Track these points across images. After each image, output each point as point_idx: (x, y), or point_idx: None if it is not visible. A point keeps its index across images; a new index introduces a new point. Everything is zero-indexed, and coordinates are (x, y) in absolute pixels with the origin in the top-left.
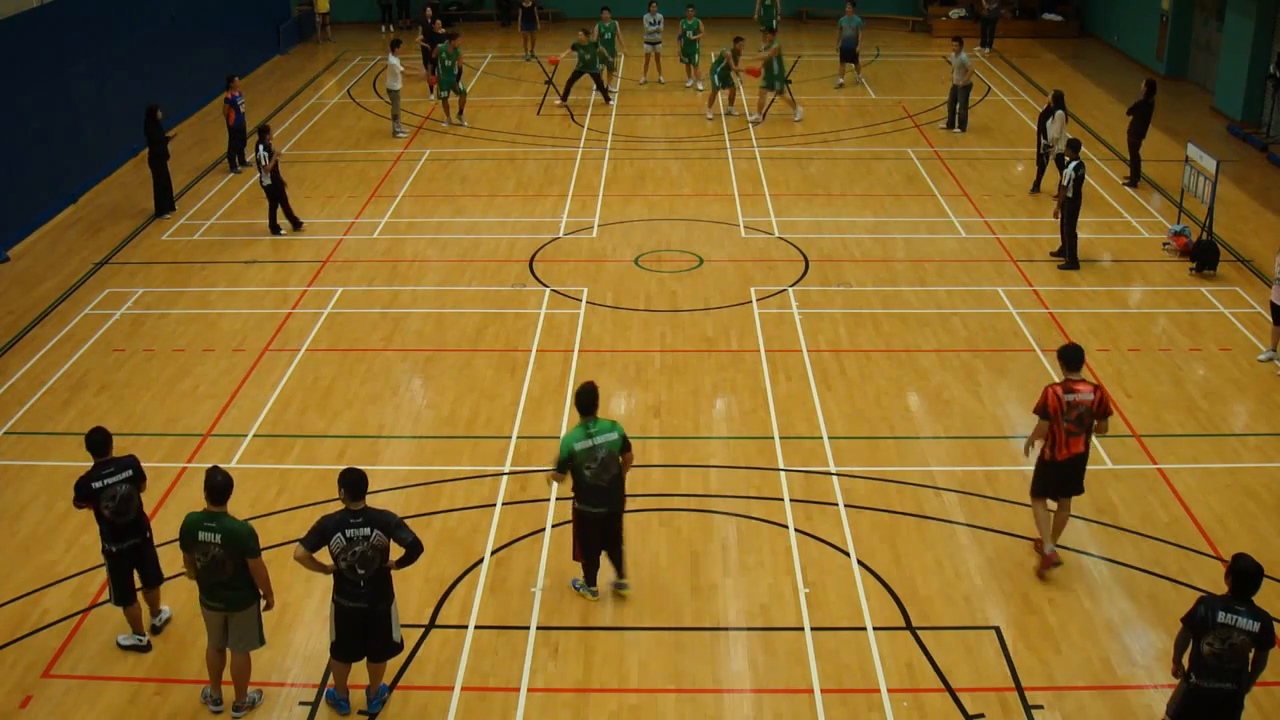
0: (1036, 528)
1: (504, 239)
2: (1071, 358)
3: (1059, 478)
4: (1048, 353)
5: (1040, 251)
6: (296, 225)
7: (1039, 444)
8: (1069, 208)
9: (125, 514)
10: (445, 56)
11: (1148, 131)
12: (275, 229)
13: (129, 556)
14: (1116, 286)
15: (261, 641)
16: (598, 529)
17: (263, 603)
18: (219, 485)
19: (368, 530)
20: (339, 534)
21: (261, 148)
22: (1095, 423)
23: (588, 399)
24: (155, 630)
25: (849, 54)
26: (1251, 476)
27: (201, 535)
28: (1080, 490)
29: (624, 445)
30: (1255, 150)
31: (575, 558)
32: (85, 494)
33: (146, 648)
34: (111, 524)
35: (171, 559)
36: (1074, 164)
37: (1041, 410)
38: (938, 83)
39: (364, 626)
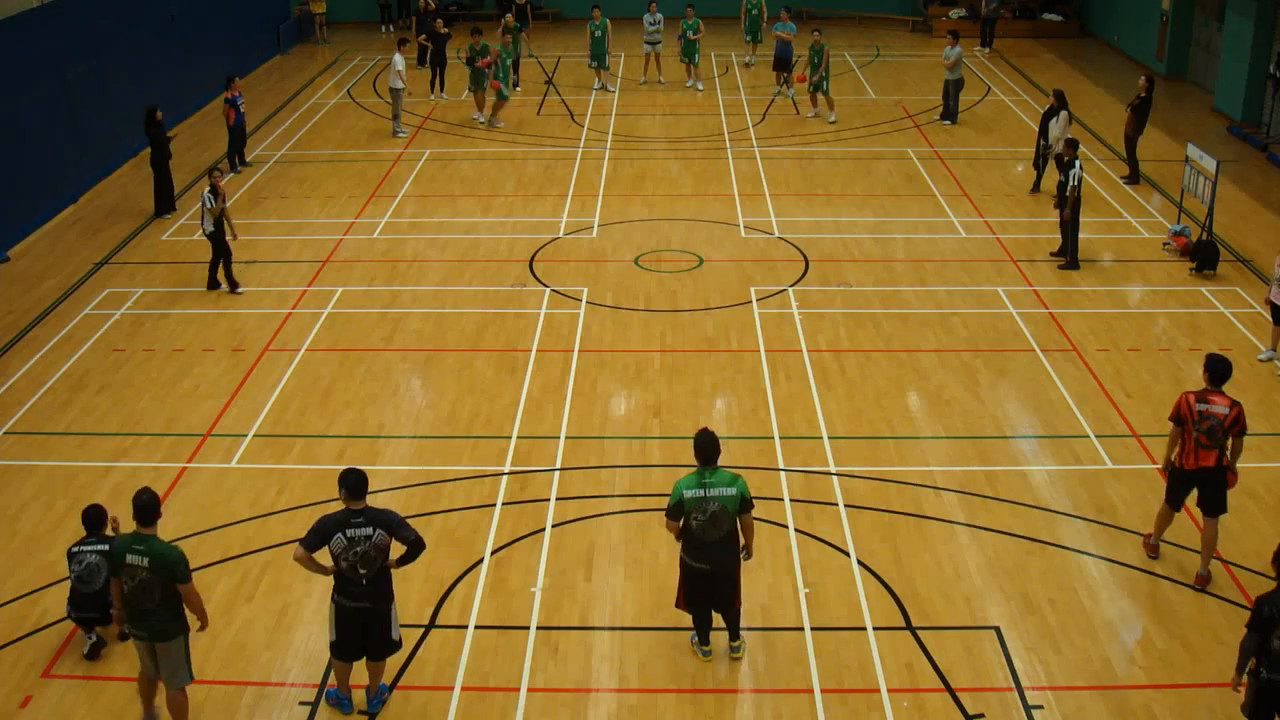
0: (1154, 523)
1: (504, 239)
2: (1215, 370)
3: (1186, 487)
4: (1048, 353)
5: (1040, 251)
6: (233, 288)
7: (1175, 454)
8: (1076, 208)
9: (89, 584)
10: (506, 55)
11: (1145, 129)
12: (214, 283)
13: (84, 624)
14: (1116, 286)
15: (190, 677)
16: (702, 585)
17: (196, 626)
18: (145, 505)
19: (369, 530)
20: (339, 534)
21: (208, 190)
22: (1230, 441)
23: (706, 447)
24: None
25: (782, 62)
26: (1251, 476)
27: (129, 558)
28: (1221, 509)
29: (742, 504)
30: (1255, 150)
31: (677, 605)
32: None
33: (100, 643)
34: (74, 591)
35: None
36: (1079, 164)
37: (1175, 416)
38: (938, 82)
39: (365, 625)
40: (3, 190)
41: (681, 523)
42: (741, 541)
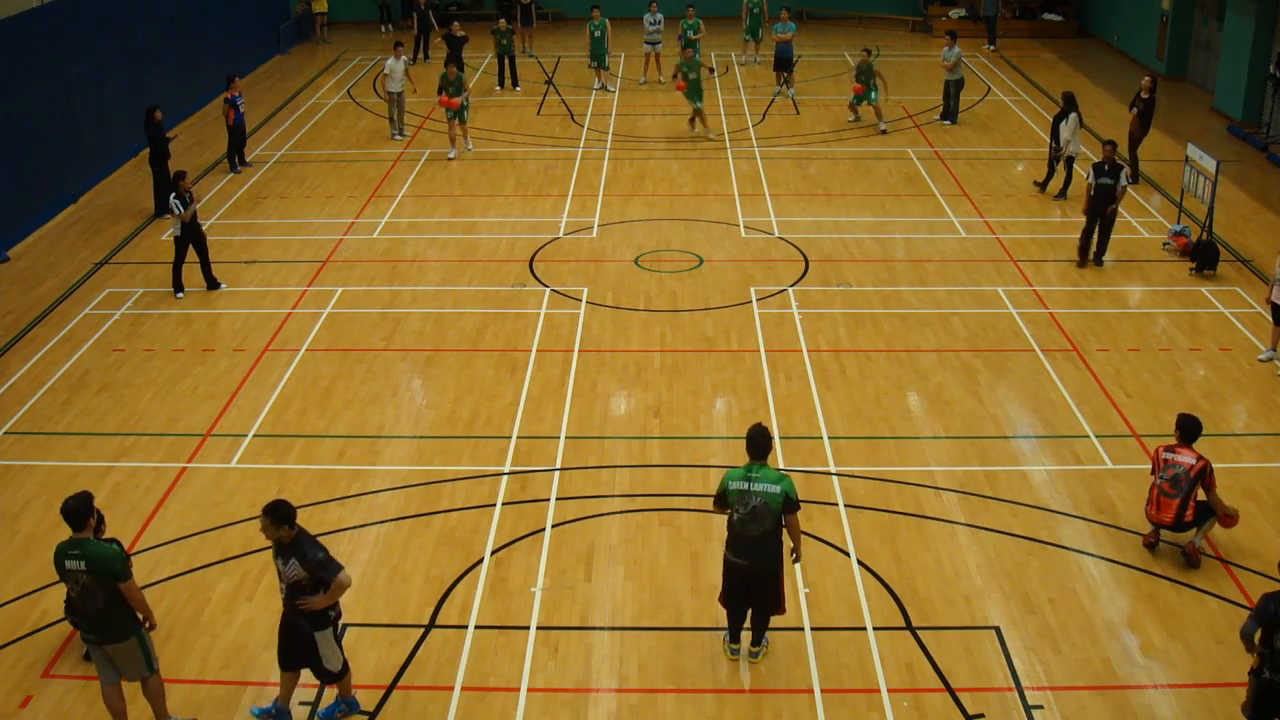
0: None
1: (504, 239)
2: (1184, 427)
3: (1159, 532)
4: (1048, 353)
5: (1040, 251)
6: (212, 285)
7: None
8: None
9: (88, 605)
10: (687, 67)
11: (1149, 129)
12: (178, 286)
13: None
14: (1116, 286)
15: (151, 669)
16: (741, 582)
17: (146, 626)
18: (70, 511)
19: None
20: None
21: (174, 196)
22: (1206, 493)
23: (757, 442)
24: None
25: (783, 62)
26: (1251, 476)
27: (68, 564)
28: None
29: (786, 504)
30: (1255, 150)
31: (720, 601)
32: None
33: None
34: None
35: (171, 558)
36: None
37: (1151, 466)
38: (938, 82)
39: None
40: (3, 190)
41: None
42: (788, 543)
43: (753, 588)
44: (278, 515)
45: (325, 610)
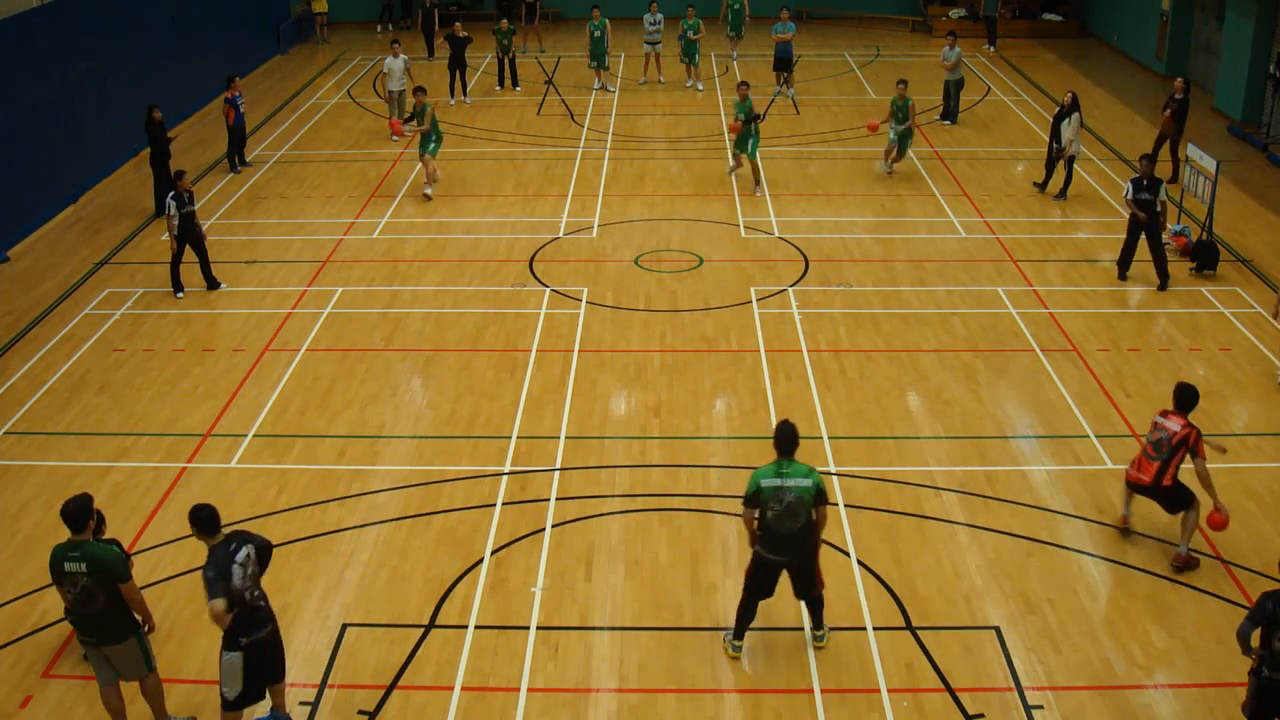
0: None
1: (504, 239)
2: (1178, 395)
3: (1135, 495)
4: (1048, 353)
5: (1040, 251)
6: (212, 285)
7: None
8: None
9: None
10: (742, 109)
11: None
12: (178, 286)
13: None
14: (1116, 286)
15: (150, 668)
16: (772, 577)
17: (145, 629)
18: (69, 513)
19: (250, 548)
20: (233, 565)
21: (170, 195)
22: (1186, 457)
23: (786, 439)
24: None
25: (783, 62)
26: (1251, 476)
27: (67, 566)
28: (1175, 510)
29: (818, 496)
30: (1255, 150)
31: (745, 587)
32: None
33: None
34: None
35: (171, 558)
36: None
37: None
38: (938, 82)
39: (265, 652)
40: (3, 190)
41: (757, 514)
42: (819, 533)
43: (794, 580)
44: (191, 519)
45: (234, 634)
